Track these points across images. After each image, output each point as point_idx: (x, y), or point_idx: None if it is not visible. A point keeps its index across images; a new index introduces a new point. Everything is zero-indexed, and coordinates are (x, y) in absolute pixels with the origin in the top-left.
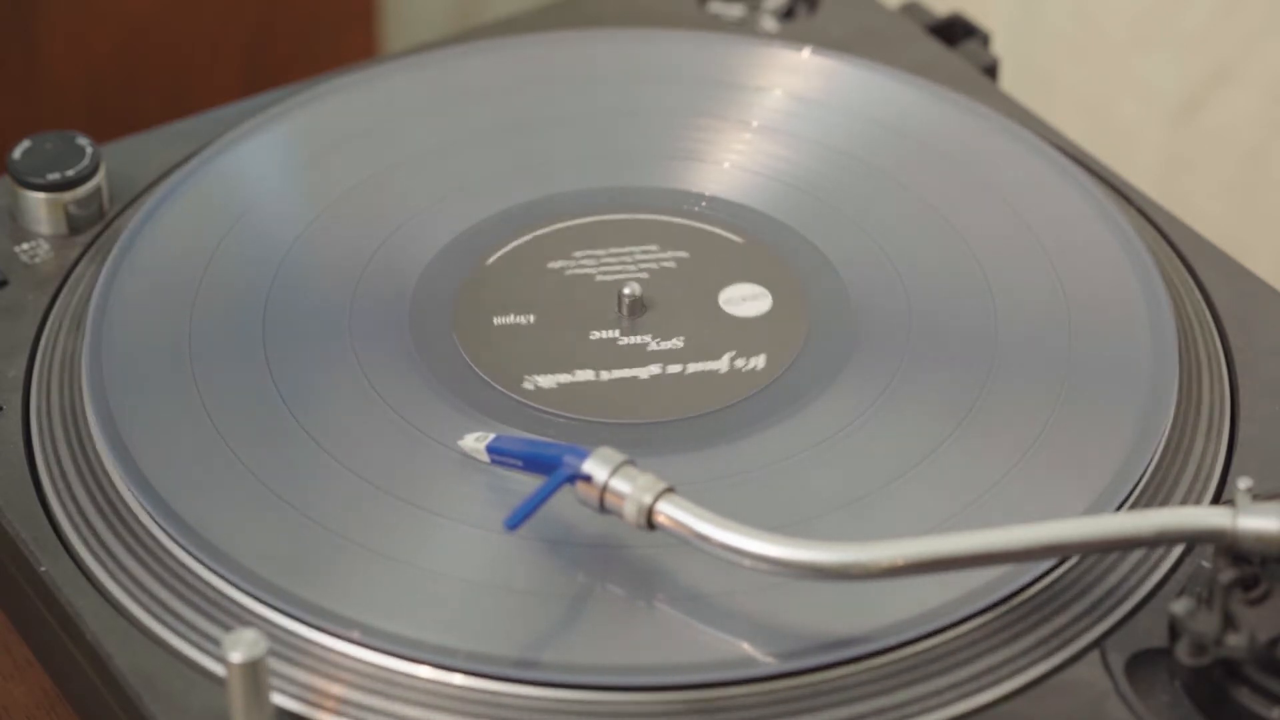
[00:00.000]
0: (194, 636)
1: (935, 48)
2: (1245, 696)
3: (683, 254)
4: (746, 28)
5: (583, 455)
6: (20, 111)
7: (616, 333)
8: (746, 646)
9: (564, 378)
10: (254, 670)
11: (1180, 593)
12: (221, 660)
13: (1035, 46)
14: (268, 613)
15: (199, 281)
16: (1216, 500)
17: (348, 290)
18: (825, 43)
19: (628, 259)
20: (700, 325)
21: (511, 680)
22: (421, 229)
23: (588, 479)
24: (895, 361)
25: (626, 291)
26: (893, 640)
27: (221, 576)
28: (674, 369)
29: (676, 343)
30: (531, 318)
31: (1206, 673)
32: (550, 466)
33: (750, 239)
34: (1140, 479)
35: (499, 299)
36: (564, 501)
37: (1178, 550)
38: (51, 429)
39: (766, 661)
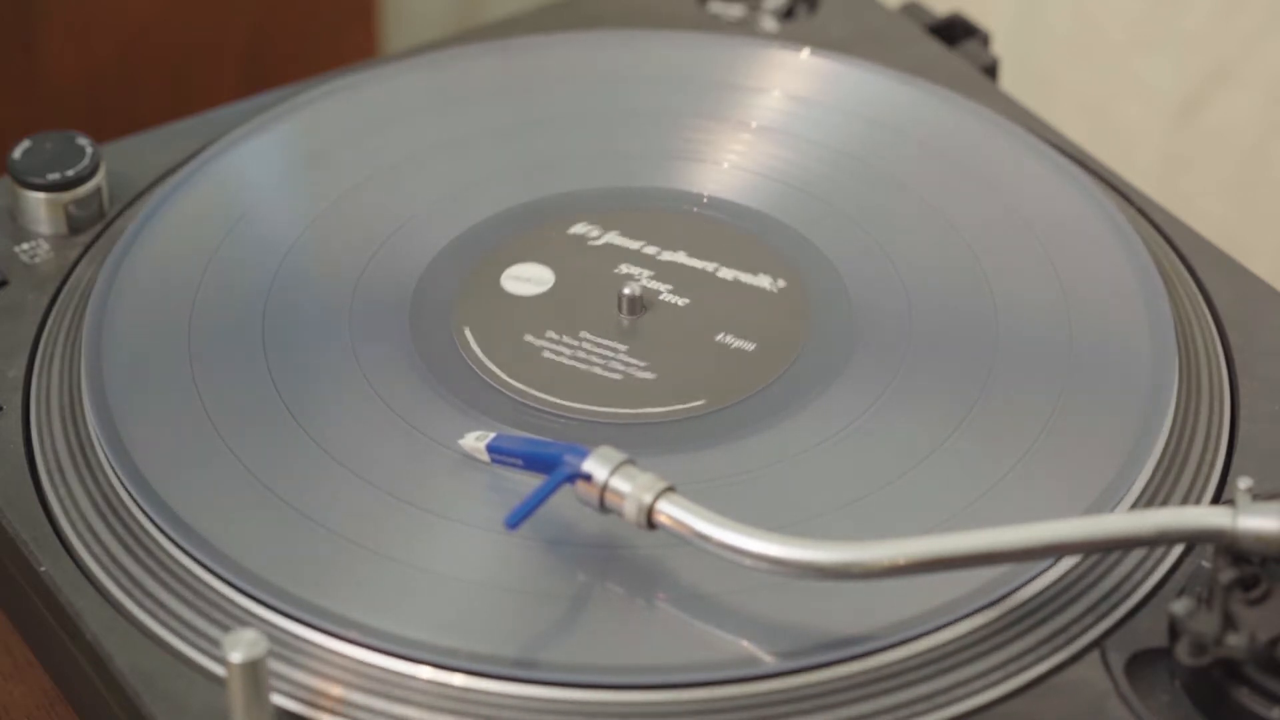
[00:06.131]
0: (194, 636)
1: (935, 48)
2: (1245, 696)
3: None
4: (746, 28)
5: (583, 454)
6: (20, 111)
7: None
8: (746, 646)
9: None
10: (254, 670)
11: (1180, 593)
12: (221, 660)
13: (1035, 46)
14: (267, 613)
15: (199, 281)
16: (1216, 500)
17: (348, 290)
18: (825, 43)
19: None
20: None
21: (511, 680)
22: (421, 229)
23: (588, 478)
24: (895, 361)
25: (626, 291)
26: (893, 640)
27: (221, 577)
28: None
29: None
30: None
31: (1206, 673)
32: (550, 465)
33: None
34: (1140, 479)
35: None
36: (564, 501)
37: (1178, 550)
38: (51, 429)
39: (766, 661)
